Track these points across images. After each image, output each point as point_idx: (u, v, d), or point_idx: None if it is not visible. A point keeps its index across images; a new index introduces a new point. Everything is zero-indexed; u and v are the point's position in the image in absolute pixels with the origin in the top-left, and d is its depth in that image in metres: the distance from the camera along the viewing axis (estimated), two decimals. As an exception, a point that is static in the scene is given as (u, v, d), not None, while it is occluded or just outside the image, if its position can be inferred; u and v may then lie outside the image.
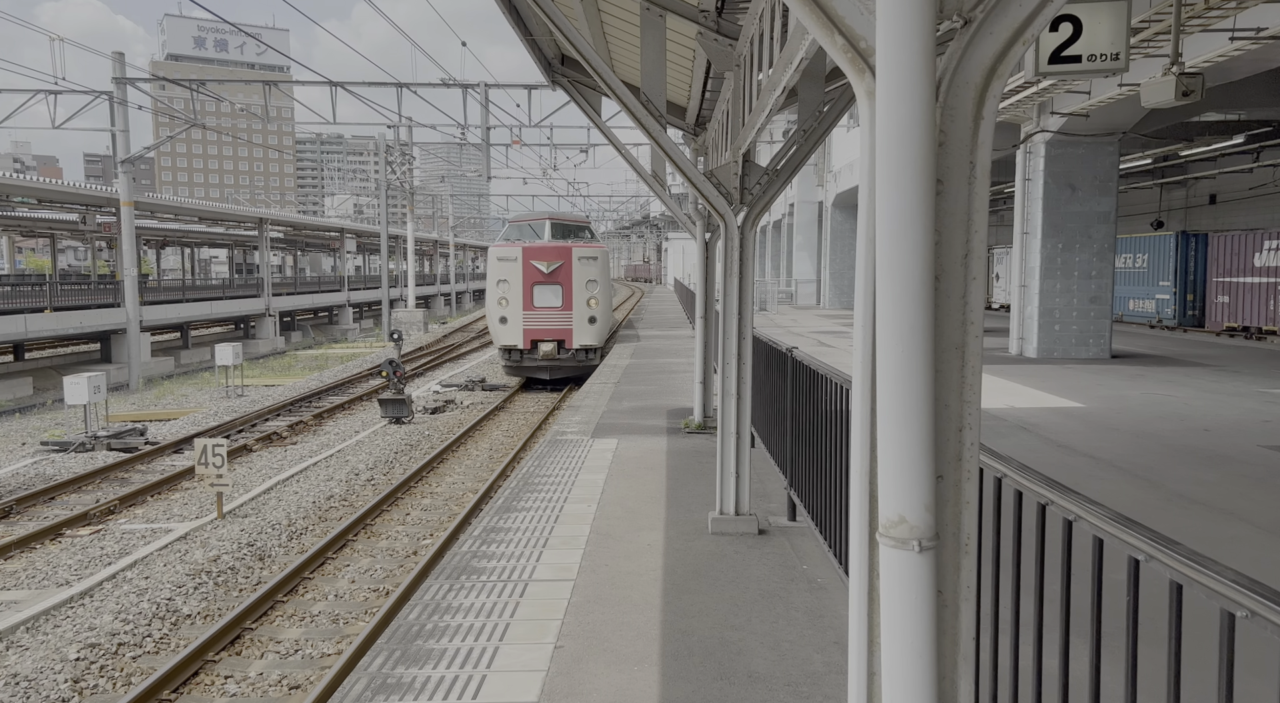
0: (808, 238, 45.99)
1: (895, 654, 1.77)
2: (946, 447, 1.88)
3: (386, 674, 4.35)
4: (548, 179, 42.73)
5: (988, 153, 1.84)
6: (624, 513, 7.20)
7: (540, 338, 21.13)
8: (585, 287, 20.93)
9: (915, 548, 1.72)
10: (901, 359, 1.70)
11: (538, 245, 21.29)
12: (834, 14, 1.82)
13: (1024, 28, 1.79)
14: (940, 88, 1.81)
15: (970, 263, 1.85)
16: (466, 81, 25.35)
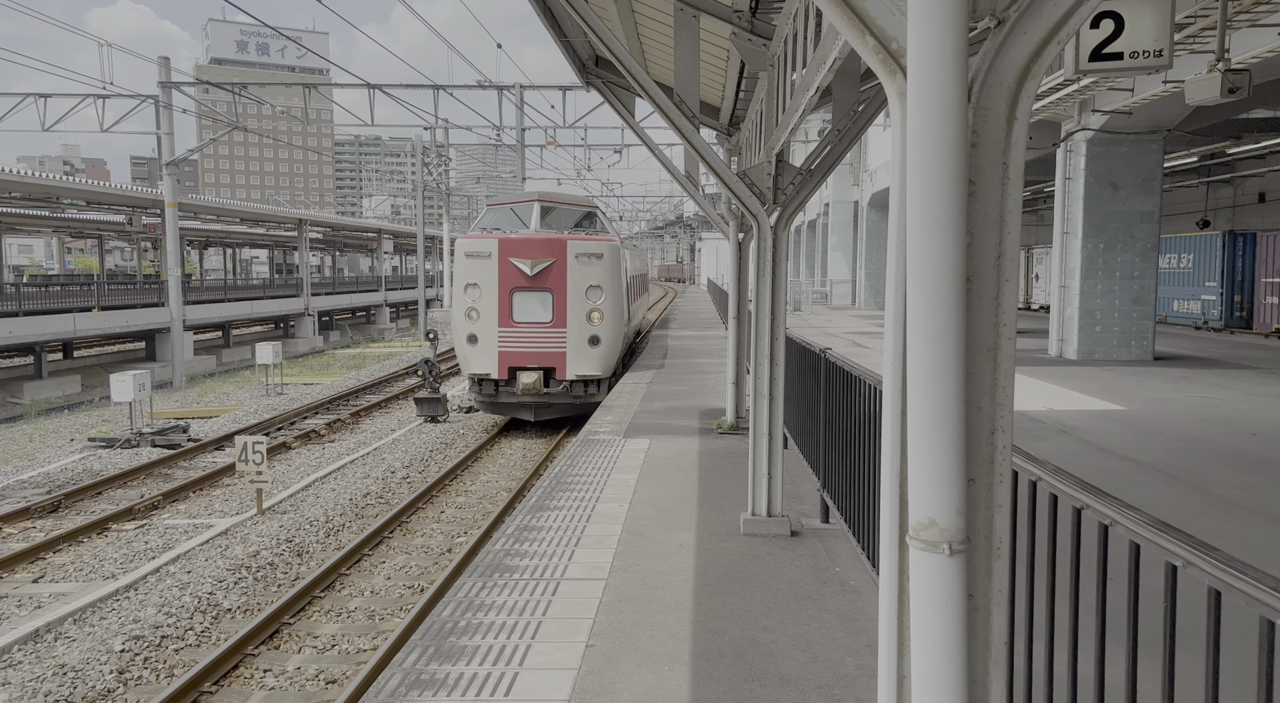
0: (843, 238, 45.64)
1: (925, 658, 1.76)
2: (978, 449, 1.87)
3: (420, 671, 4.40)
4: (582, 179, 42.86)
5: (1021, 154, 1.82)
6: (656, 513, 7.21)
7: (521, 365, 15.50)
8: (585, 295, 15.42)
9: (946, 551, 1.71)
10: (932, 361, 1.69)
11: (519, 238, 15.58)
12: (865, 15, 1.82)
13: (1059, 27, 1.77)
14: (973, 88, 1.80)
15: (1003, 265, 1.83)
16: (502, 83, 25.52)
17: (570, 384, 15.65)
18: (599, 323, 15.58)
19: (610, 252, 15.73)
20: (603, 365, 15.66)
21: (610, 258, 15.66)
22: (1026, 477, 2.78)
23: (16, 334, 25.34)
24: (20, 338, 25.63)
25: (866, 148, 41.39)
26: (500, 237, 15.61)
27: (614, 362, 15.99)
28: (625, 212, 68.51)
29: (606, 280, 15.57)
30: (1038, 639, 2.66)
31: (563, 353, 15.58)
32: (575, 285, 15.50)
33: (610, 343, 15.72)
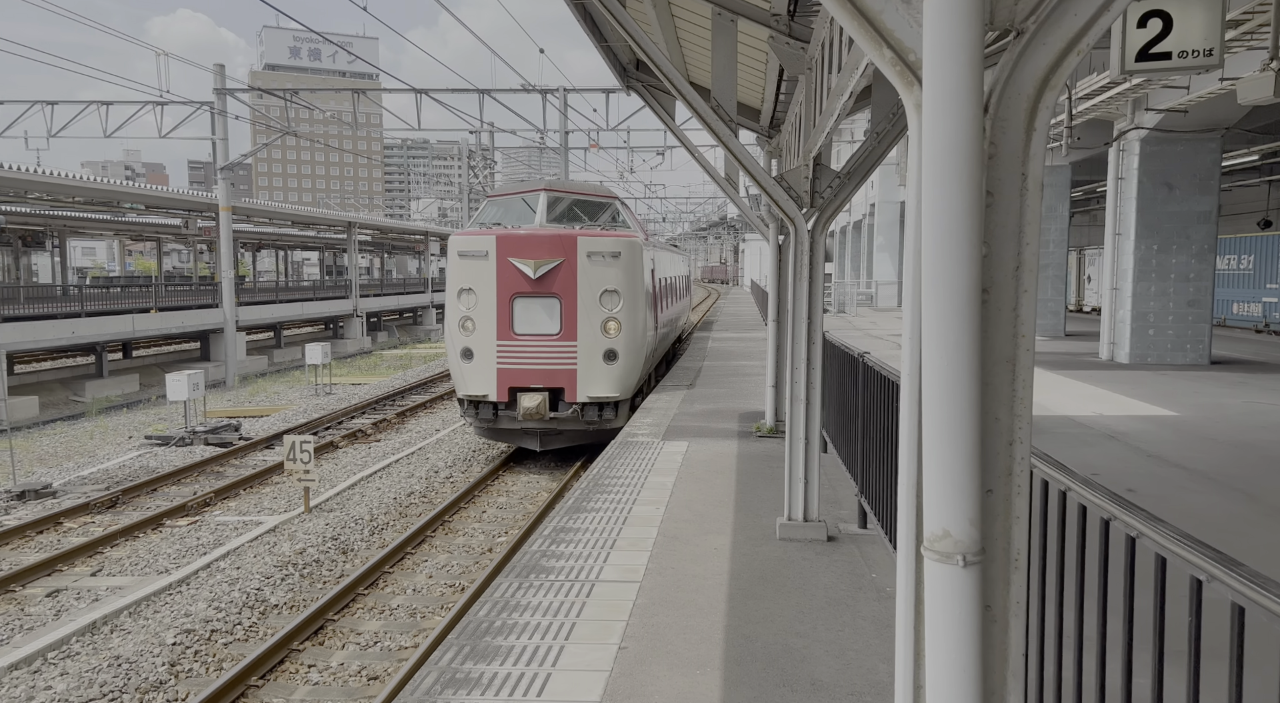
0: (889, 238, 45.11)
1: (940, 668, 1.76)
2: (996, 461, 1.87)
3: (455, 670, 4.48)
4: (624, 181, 43.00)
5: (1040, 165, 1.81)
6: (692, 516, 7.23)
7: (523, 385, 13.17)
8: (600, 301, 13.11)
9: (960, 562, 1.71)
10: (947, 373, 1.70)
11: (521, 234, 13.27)
12: (882, 27, 1.83)
13: (1078, 38, 1.76)
14: (991, 99, 1.80)
15: (1022, 276, 1.83)
16: (546, 86, 25.72)
17: (582, 408, 13.18)
18: (616, 335, 13.16)
19: (630, 249, 13.35)
20: (620, 385, 13.23)
21: (630, 257, 13.31)
22: (1057, 487, 2.75)
23: (79, 334, 26.19)
24: (82, 338, 26.48)
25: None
26: (499, 233, 13.25)
27: (635, 380, 13.56)
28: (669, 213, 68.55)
29: (626, 284, 13.21)
30: (1066, 650, 2.63)
31: (572, 371, 13.14)
32: (588, 290, 13.13)
33: (630, 358, 13.29)
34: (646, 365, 14.60)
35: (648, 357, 14.46)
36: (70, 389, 27.53)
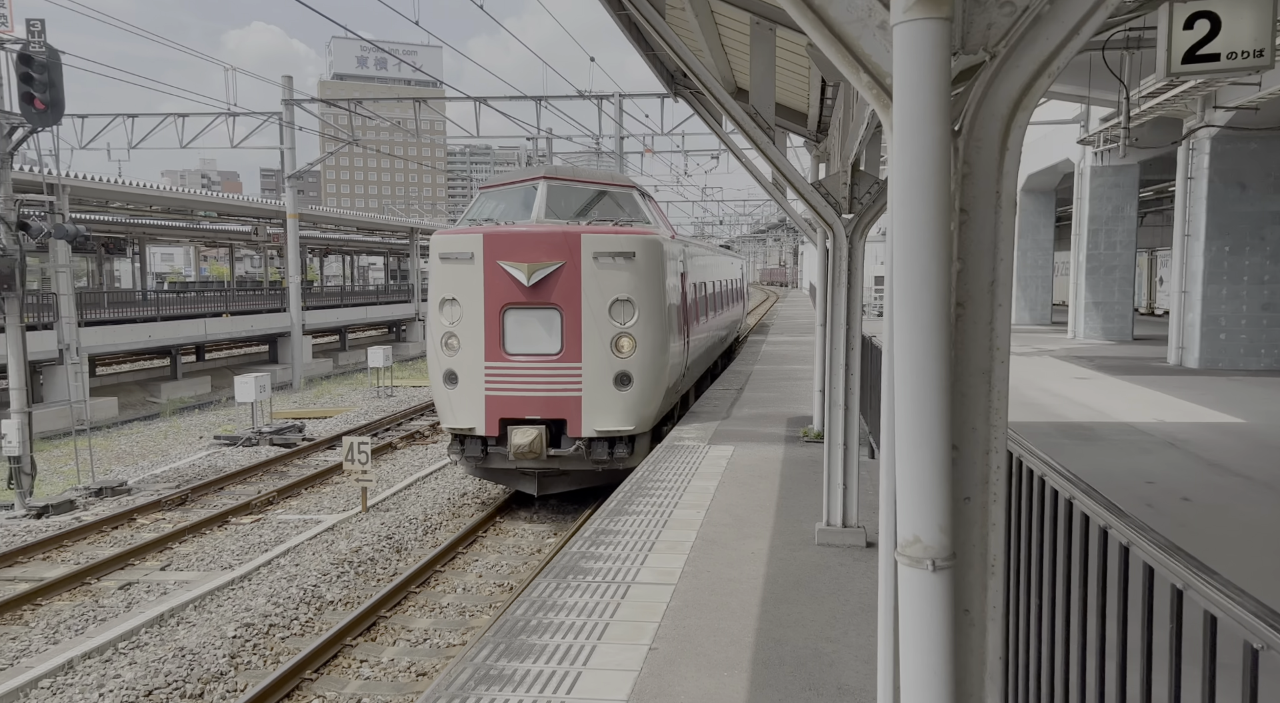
0: (951, 241, 44.38)
1: (911, 670, 1.82)
2: (973, 470, 1.92)
3: (490, 666, 4.63)
4: (680, 185, 43.08)
5: (1014, 183, 1.87)
6: (731, 521, 7.29)
7: (516, 416, 11.09)
8: (610, 313, 10.96)
9: (929, 567, 1.77)
10: (916, 385, 1.76)
11: (512, 232, 11.13)
12: (859, 52, 1.90)
13: (1049, 61, 1.81)
14: (965, 120, 1.86)
15: (996, 291, 1.88)
16: (601, 92, 25.98)
17: (588, 444, 10.95)
18: (630, 354, 10.92)
19: (648, 249, 11.06)
20: (635, 415, 10.98)
21: (649, 258, 11.04)
22: (1065, 495, 2.77)
23: (155, 338, 27.32)
24: (158, 342, 27.61)
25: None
26: (486, 230, 11.11)
27: (655, 409, 11.31)
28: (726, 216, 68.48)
29: (643, 291, 10.97)
30: (1058, 653, 2.65)
31: (575, 399, 10.95)
32: (595, 299, 10.88)
33: (648, 383, 11.08)
34: (674, 391, 12.42)
35: (676, 380, 12.35)
36: (147, 391, 28.71)
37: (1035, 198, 30.77)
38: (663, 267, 11.38)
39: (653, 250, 11.17)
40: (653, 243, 11.20)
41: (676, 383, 12.55)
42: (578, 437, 11.00)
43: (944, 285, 1.76)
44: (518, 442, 10.77)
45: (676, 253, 12.66)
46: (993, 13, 1.84)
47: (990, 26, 1.85)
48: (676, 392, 12.82)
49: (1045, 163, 27.03)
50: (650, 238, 11.20)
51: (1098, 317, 24.34)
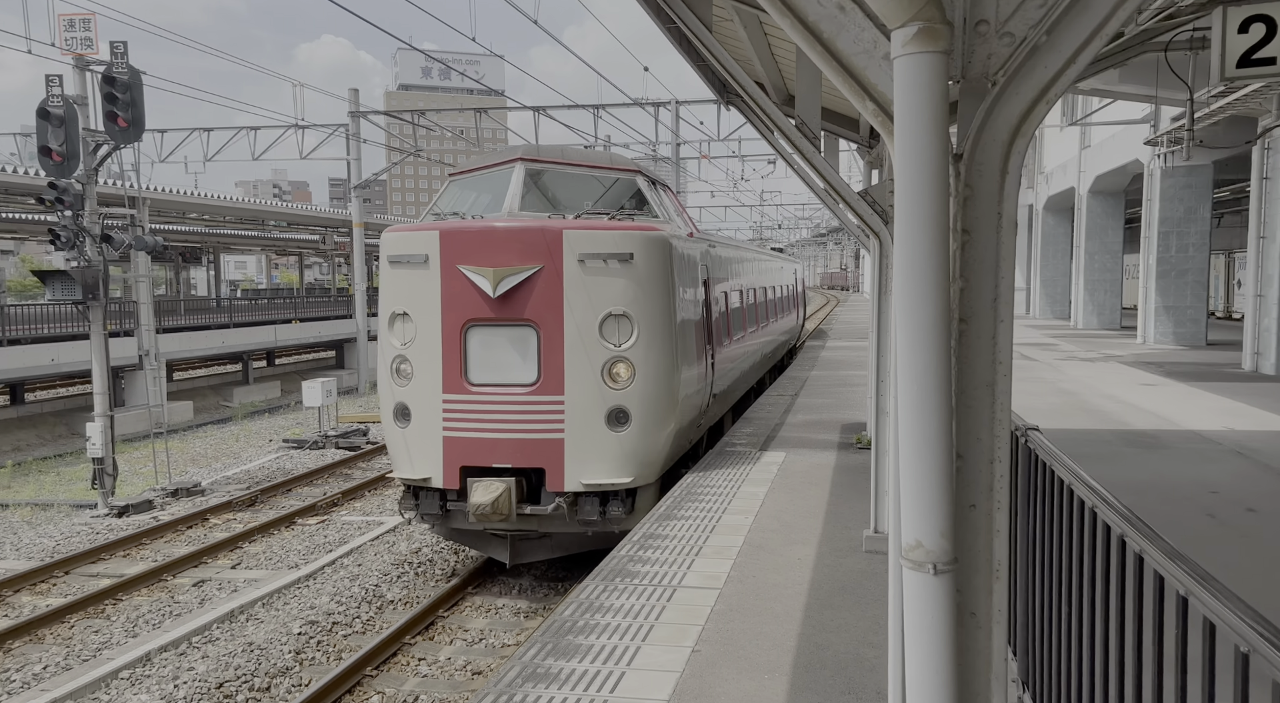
0: (1017, 243, 43.50)
1: (916, 669, 1.92)
2: (978, 478, 2.01)
3: (537, 665, 4.80)
4: (737, 190, 43.04)
5: (1014, 204, 1.95)
6: (779, 527, 7.35)
7: (481, 463, 8.92)
8: (601, 332, 8.77)
9: (931, 571, 1.87)
10: (917, 397, 1.86)
11: (476, 228, 8.96)
12: (866, 82, 2.01)
13: (1047, 89, 1.90)
14: (967, 145, 1.95)
15: (999, 307, 1.97)
16: (658, 100, 26.18)
17: (573, 500, 8.68)
18: (628, 384, 8.64)
19: (651, 250, 8.73)
20: (635, 464, 8.70)
21: (653, 261, 8.74)
22: (1089, 503, 2.82)
23: (228, 344, 28.38)
24: (231, 347, 28.67)
25: (1042, 148, 39.30)
26: (444, 226, 8.86)
27: (661, 454, 9.00)
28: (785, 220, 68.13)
29: (646, 302, 8.68)
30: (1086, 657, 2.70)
31: (556, 442, 8.64)
32: (582, 313, 8.61)
33: (652, 420, 8.75)
34: (693, 427, 10.14)
35: (695, 415, 10.02)
36: (220, 395, 29.79)
37: (1103, 199, 30.00)
38: (671, 272, 8.99)
39: (657, 251, 8.81)
40: (658, 241, 8.83)
41: (696, 418, 10.14)
42: (559, 491, 8.64)
43: (943, 301, 1.86)
44: (478, 500, 8.35)
45: (695, 255, 10.21)
46: (993, 43, 1.93)
47: (990, 56, 1.94)
48: (698, 427, 10.49)
49: (1114, 164, 26.36)
50: (654, 235, 8.82)
51: (1169, 321, 23.63)
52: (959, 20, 1.94)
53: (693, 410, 9.81)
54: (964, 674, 2.02)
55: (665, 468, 9.32)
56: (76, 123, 14.23)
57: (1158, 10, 7.37)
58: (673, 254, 9.10)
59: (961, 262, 1.97)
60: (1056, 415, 12.67)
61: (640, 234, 8.80)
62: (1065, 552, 3.13)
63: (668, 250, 8.98)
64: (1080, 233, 30.71)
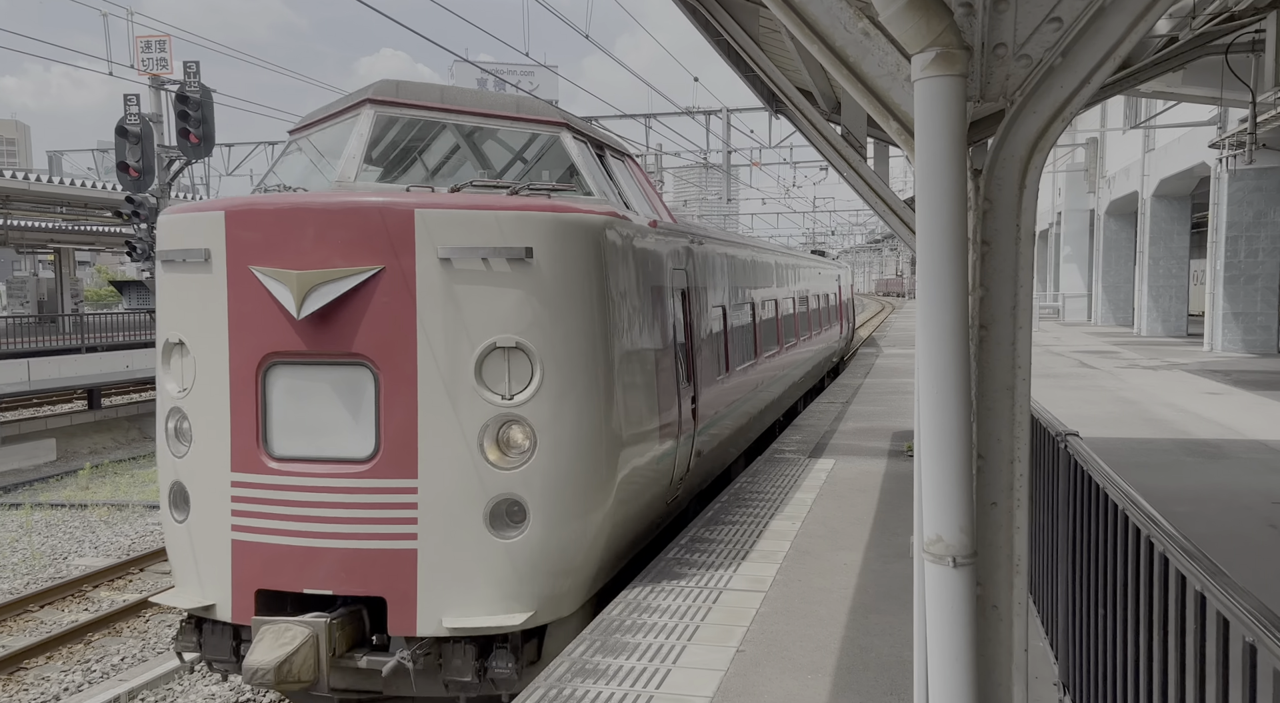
0: (1077, 248, 42.60)
1: (937, 658, 2.03)
2: (998, 477, 2.11)
3: (585, 661, 4.96)
4: (789, 197, 42.92)
5: (1033, 217, 2.06)
6: (826, 532, 7.41)
7: (282, 586, 5.55)
8: (479, 375, 5.44)
9: (950, 564, 1.98)
10: (936, 400, 1.98)
11: (279, 206, 5.58)
12: (890, 102, 2.13)
13: (1063, 107, 2.00)
14: (986, 161, 2.07)
15: (1018, 314, 2.07)
16: (709, 108, 26.34)
17: (433, 646, 5.52)
18: (523, 460, 5.57)
19: (564, 242, 5.62)
20: (538, 588, 5.64)
21: (565, 259, 5.63)
22: (1121, 506, 2.88)
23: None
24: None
25: (1104, 152, 38.48)
26: (231, 204, 5.85)
27: (587, 567, 5.91)
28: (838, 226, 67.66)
29: (552, 329, 5.61)
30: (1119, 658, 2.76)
31: (404, 553, 5.50)
32: (447, 345, 5.50)
33: (564, 515, 5.66)
34: (650, 512, 6.94)
35: (656, 493, 6.95)
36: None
37: (1168, 204, 29.26)
38: (603, 277, 5.81)
39: (575, 245, 5.66)
40: (574, 229, 5.67)
41: (662, 495, 7.11)
42: (413, 635, 5.45)
43: (961, 309, 1.97)
44: (259, 659, 5.10)
45: (661, 254, 7.11)
46: (1010, 65, 2.04)
47: (1009, 77, 2.05)
48: (667, 503, 7.44)
49: (1179, 167, 25.71)
50: (568, 220, 5.65)
51: (1237, 328, 22.95)
52: (978, 43, 2.06)
53: (652, 487, 6.73)
54: (986, 665, 2.12)
55: (600, 583, 6.15)
56: (152, 139, 14.91)
57: (1212, 14, 7.29)
58: (605, 249, 5.84)
59: (982, 271, 2.08)
60: (1115, 424, 12.45)
61: (544, 218, 5.54)
62: (1103, 555, 3.18)
63: (594, 244, 5.76)
64: (1144, 238, 30.00)
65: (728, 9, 6.86)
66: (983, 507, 2.11)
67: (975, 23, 2.04)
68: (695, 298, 8.15)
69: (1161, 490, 8.40)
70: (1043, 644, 4.76)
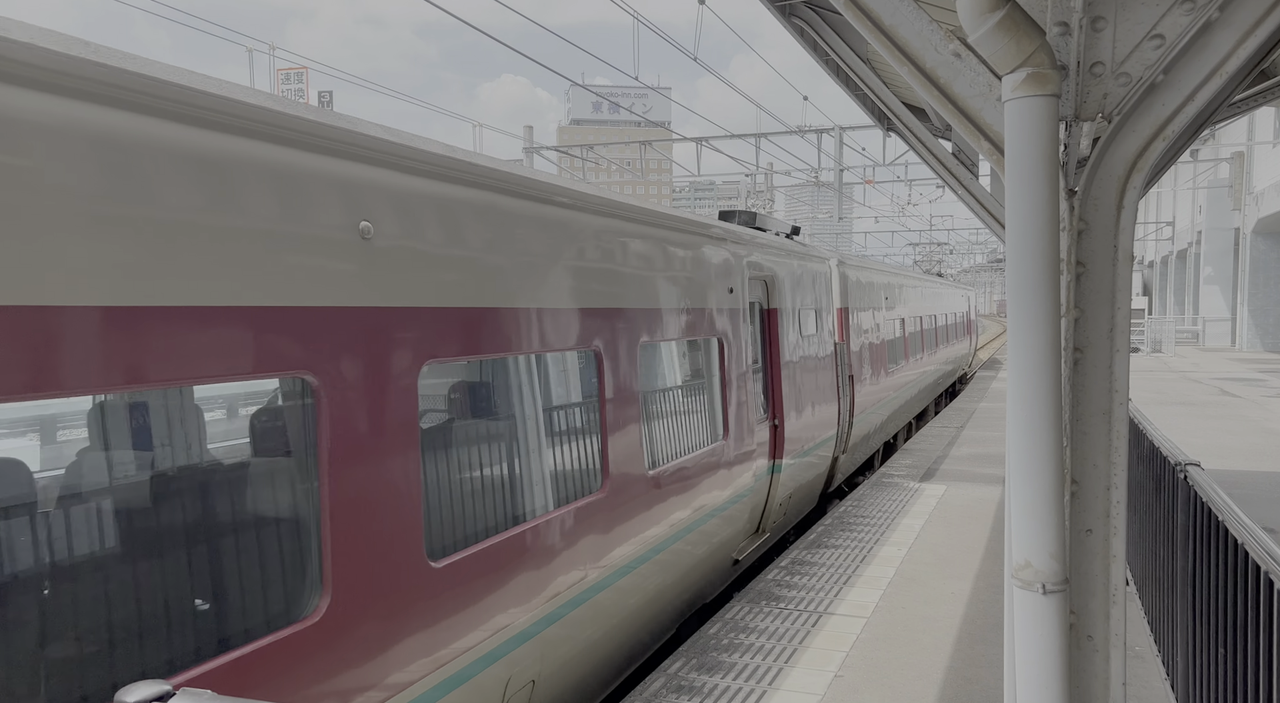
0: (1219, 269, 39.99)
1: (1026, 688, 1.98)
2: (1094, 503, 2.05)
3: (681, 677, 4.98)
4: (904, 215, 41.96)
5: (1130, 238, 2.01)
6: (934, 560, 7.20)
7: None
8: None
9: (1040, 590, 1.94)
10: (1027, 424, 1.95)
11: None
12: (982, 123, 2.12)
13: (1164, 126, 1.95)
14: (1082, 181, 2.03)
15: (1115, 337, 2.02)
16: (820, 126, 26.09)
17: None
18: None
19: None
20: None
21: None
22: (1240, 539, 2.73)
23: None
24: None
25: (1252, 167, 36.10)
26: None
27: None
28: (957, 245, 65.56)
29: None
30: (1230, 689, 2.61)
31: None
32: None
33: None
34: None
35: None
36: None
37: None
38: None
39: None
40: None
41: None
42: None
43: (1054, 331, 1.94)
44: None
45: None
46: (1108, 83, 2.01)
47: (1106, 96, 2.01)
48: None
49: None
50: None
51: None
52: (1073, 62, 2.03)
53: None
54: (1080, 697, 2.06)
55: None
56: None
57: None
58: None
59: (1076, 293, 2.04)
60: (1257, 457, 11.62)
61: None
62: (1222, 592, 3.02)
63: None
64: (1296, 257, 27.91)
65: (836, 29, 6.84)
66: (1077, 534, 2.05)
67: (1071, 42, 2.02)
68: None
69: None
70: (1164, 685, 4.51)
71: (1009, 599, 2.12)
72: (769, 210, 40.76)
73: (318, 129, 3.00)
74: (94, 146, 2.27)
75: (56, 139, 2.19)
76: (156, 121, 2.45)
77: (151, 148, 2.42)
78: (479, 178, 3.84)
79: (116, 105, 2.34)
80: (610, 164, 30.34)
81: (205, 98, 2.59)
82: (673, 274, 5.85)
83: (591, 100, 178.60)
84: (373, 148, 3.22)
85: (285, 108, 2.88)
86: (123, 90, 2.36)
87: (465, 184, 3.73)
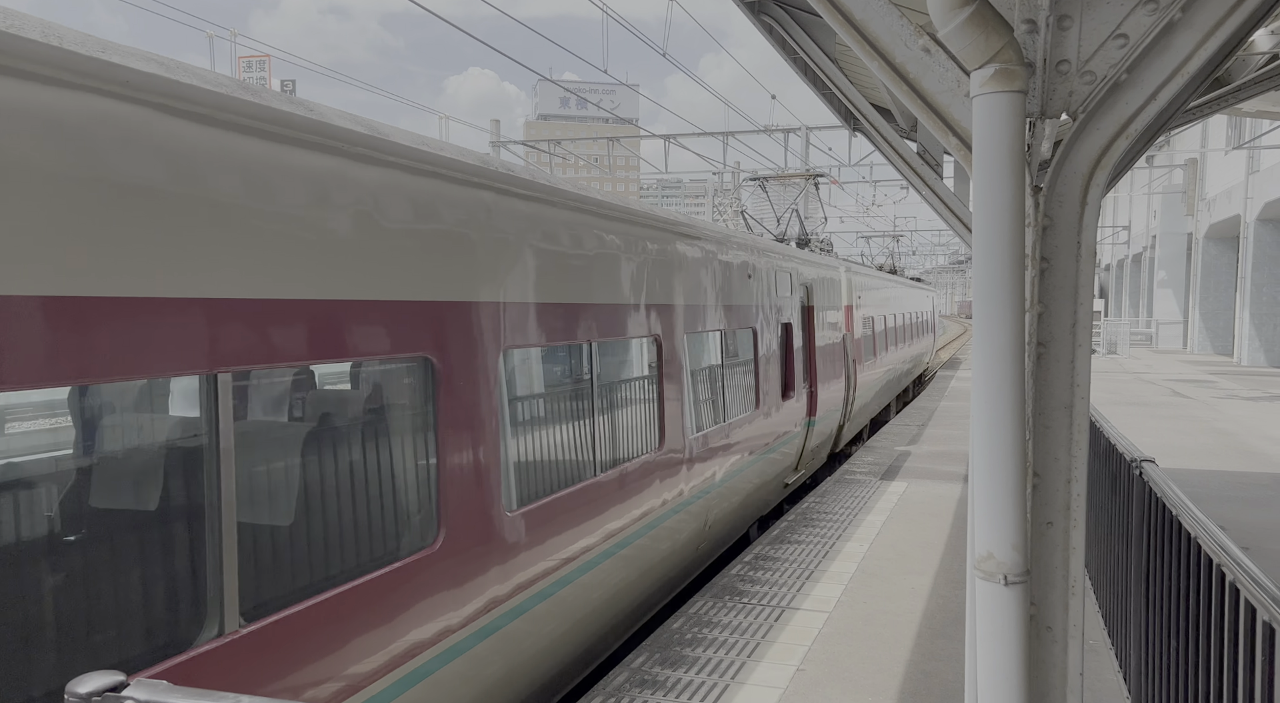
0: (1173, 273, 40.91)
1: (988, 678, 2.00)
2: (1055, 496, 2.08)
3: (644, 672, 4.99)
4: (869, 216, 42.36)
5: (1093, 234, 2.03)
6: (895, 556, 7.28)
7: None
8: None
9: (1002, 581, 1.96)
10: (990, 418, 1.97)
11: None
12: (950, 118, 2.14)
13: (1127, 124, 1.98)
14: (1047, 177, 2.05)
15: (1077, 332, 2.05)
16: (787, 126, 26.25)
17: None
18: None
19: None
20: None
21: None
22: (1194, 533, 2.79)
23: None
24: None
25: (1204, 174, 36.96)
26: None
27: None
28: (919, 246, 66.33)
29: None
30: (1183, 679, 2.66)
31: None
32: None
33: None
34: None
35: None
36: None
37: (1274, 228, 27.93)
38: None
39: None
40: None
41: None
42: None
43: (1018, 326, 1.96)
44: None
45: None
46: (1073, 81, 2.03)
47: (1071, 93, 2.03)
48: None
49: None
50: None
51: (1348, 359, 21.69)
52: (1040, 60, 2.05)
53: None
54: (1039, 688, 2.09)
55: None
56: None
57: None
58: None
59: (1040, 288, 2.07)
60: (1207, 456, 11.91)
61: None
62: (1176, 585, 3.08)
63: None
64: (1246, 263, 28.66)
65: (804, 27, 6.88)
66: (1038, 526, 2.08)
67: (1038, 39, 2.04)
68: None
69: (1255, 527, 8.01)
70: (1116, 677, 4.60)
71: (971, 591, 2.14)
72: (737, 209, 40.83)
73: (506, 180, 4.29)
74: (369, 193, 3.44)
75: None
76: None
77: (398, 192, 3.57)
78: (648, 220, 6.19)
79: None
80: (578, 160, 30.26)
81: (443, 161, 3.84)
82: (773, 284, 9.35)
83: (559, 96, 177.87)
84: (530, 190, 4.50)
85: (487, 163, 4.14)
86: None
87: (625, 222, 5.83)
